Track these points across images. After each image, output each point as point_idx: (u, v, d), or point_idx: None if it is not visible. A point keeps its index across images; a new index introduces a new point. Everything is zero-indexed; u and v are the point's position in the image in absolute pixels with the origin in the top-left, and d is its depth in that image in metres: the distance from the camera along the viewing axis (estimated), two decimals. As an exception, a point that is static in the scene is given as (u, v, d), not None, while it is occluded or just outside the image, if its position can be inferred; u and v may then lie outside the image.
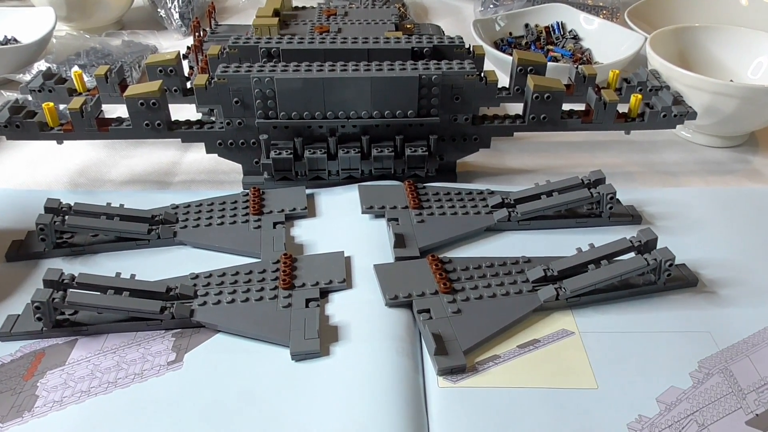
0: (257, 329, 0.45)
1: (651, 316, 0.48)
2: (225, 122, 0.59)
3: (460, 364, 0.43)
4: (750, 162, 0.70)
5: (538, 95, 0.59)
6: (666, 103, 0.62)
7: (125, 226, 0.53)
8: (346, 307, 0.48)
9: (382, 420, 0.39)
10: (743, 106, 0.65)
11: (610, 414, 0.41)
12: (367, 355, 0.44)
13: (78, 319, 0.46)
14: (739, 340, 0.46)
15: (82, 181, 0.65)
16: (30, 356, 0.45)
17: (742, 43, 0.76)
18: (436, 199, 0.59)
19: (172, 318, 0.46)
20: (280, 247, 0.53)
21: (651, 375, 0.43)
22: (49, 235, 0.52)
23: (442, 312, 0.47)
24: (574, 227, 0.57)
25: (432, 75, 0.56)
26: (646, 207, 0.60)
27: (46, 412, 0.41)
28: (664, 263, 0.48)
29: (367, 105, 0.57)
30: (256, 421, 0.40)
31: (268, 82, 0.56)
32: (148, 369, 0.43)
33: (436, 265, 0.50)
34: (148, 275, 0.49)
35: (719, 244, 0.56)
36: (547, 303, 0.48)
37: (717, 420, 0.41)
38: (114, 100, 0.66)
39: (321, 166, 0.60)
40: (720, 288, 0.51)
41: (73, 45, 0.88)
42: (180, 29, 1.01)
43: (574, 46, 0.88)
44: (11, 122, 0.58)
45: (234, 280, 0.49)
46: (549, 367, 0.44)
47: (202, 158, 0.68)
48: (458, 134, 0.61)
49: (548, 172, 0.67)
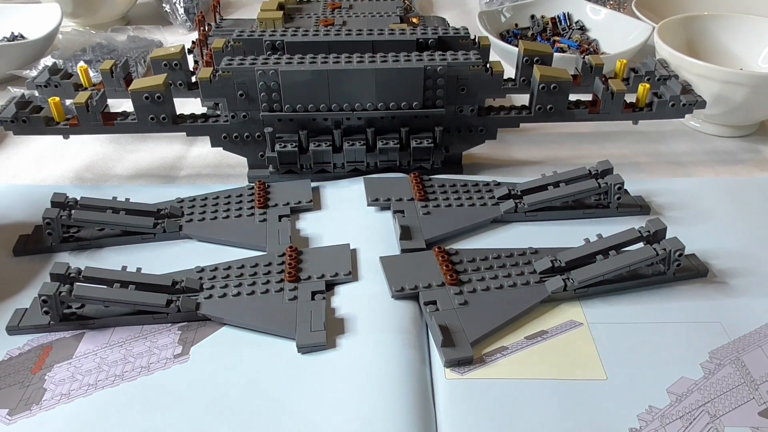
0: (263, 322, 0.45)
1: (661, 306, 0.48)
2: (230, 115, 0.59)
3: (468, 355, 0.43)
4: (760, 151, 0.69)
5: (545, 85, 0.58)
6: (674, 92, 0.62)
7: (131, 220, 0.54)
8: (352, 299, 0.48)
9: (389, 412, 0.39)
10: (753, 94, 0.64)
11: (620, 405, 0.40)
12: (373, 348, 0.43)
13: (85, 312, 0.46)
14: (750, 330, 0.46)
15: (88, 176, 0.65)
16: (38, 350, 0.45)
17: (752, 31, 0.75)
18: (442, 191, 0.58)
19: (178, 311, 0.46)
20: (286, 240, 0.53)
21: (661, 366, 0.43)
22: (56, 229, 0.52)
23: (449, 304, 0.46)
24: (582, 218, 0.57)
25: (437, 66, 0.56)
26: (654, 197, 0.60)
27: (54, 405, 0.41)
28: (673, 253, 0.48)
29: (372, 97, 0.57)
30: (263, 414, 0.40)
31: (272, 74, 0.55)
32: (154, 362, 0.43)
33: (443, 257, 0.50)
34: (153, 269, 0.49)
35: (729, 234, 0.55)
36: (555, 294, 0.48)
37: (729, 411, 0.40)
38: (119, 94, 0.66)
39: (326, 159, 0.60)
40: (731, 278, 0.50)
41: (78, 41, 0.88)
42: (185, 24, 1.01)
43: (580, 37, 0.88)
44: (18, 117, 0.58)
45: (240, 273, 0.49)
46: (557, 358, 0.44)
47: (208, 152, 0.68)
48: (464, 126, 0.61)
49: (555, 164, 0.66)
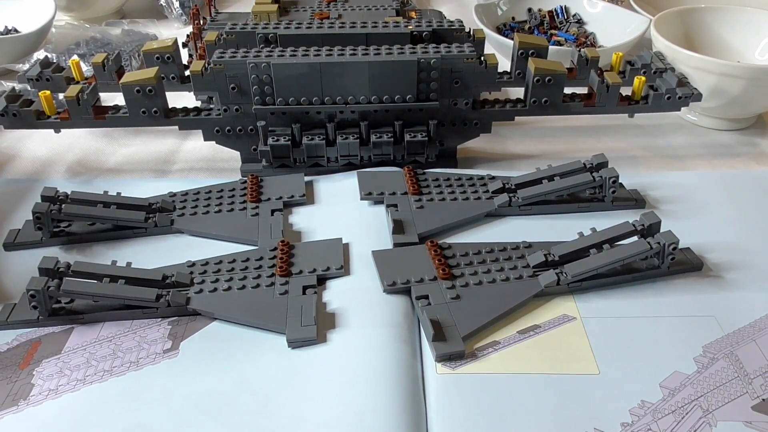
0: (253, 317, 0.45)
1: (654, 300, 0.47)
2: (222, 109, 0.58)
3: (459, 350, 0.42)
4: (757, 145, 0.69)
5: (540, 78, 0.58)
6: (670, 85, 0.61)
7: (122, 214, 0.53)
8: (344, 293, 0.48)
9: (380, 407, 0.39)
10: (750, 87, 0.63)
11: (612, 399, 0.40)
12: (364, 342, 0.43)
13: (74, 307, 0.46)
14: (745, 324, 0.45)
15: (79, 170, 0.65)
16: (26, 345, 0.44)
17: (749, 23, 0.75)
18: (435, 185, 0.58)
19: (168, 306, 0.45)
20: (278, 235, 0.52)
21: (654, 360, 0.43)
22: (46, 223, 0.52)
23: (441, 298, 0.46)
24: (576, 212, 0.56)
25: (431, 59, 0.55)
26: (650, 191, 0.59)
27: (42, 400, 0.40)
28: (667, 247, 0.47)
29: (365, 90, 0.56)
30: (252, 409, 0.39)
31: (264, 67, 0.55)
32: (143, 357, 0.43)
33: (435, 251, 0.50)
34: (144, 263, 0.49)
35: (725, 227, 0.55)
36: (548, 288, 0.47)
37: (722, 405, 0.40)
38: (112, 88, 0.66)
39: (319, 153, 0.59)
40: (726, 272, 0.50)
41: (72, 35, 0.87)
42: (180, 18, 1.01)
43: (577, 31, 0.87)
44: (8, 111, 0.57)
45: (231, 268, 0.49)
46: (549, 352, 0.43)
47: (201, 146, 0.68)
48: (458, 119, 0.60)
49: (550, 158, 0.66)
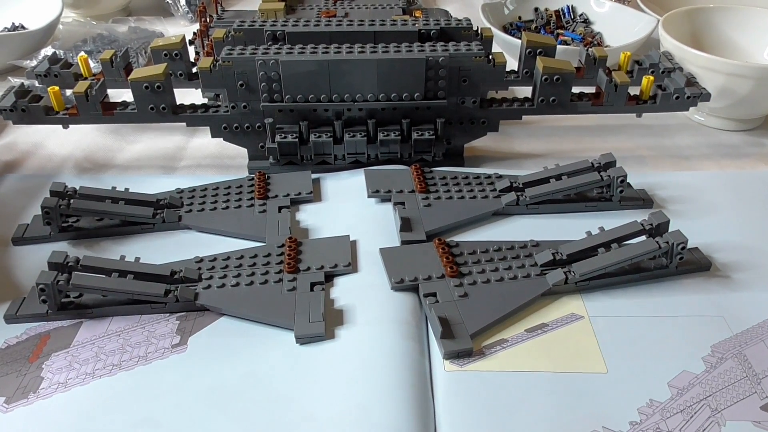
0: (261, 313, 0.45)
1: (663, 300, 0.47)
2: (230, 106, 0.58)
3: (467, 347, 0.42)
4: (765, 145, 0.68)
5: (548, 77, 0.58)
6: (679, 84, 0.61)
7: (130, 209, 0.53)
8: (352, 290, 0.48)
9: (388, 404, 0.39)
10: (758, 87, 0.63)
11: (620, 398, 0.40)
12: (372, 339, 0.43)
13: (83, 301, 0.46)
14: (753, 324, 0.45)
15: (88, 166, 0.65)
16: (35, 338, 0.45)
17: (758, 23, 0.75)
18: (443, 183, 0.58)
19: (176, 301, 0.45)
20: (285, 232, 0.53)
21: (662, 359, 0.43)
22: (55, 218, 0.52)
23: (449, 296, 0.46)
24: (584, 211, 0.56)
25: (439, 57, 0.55)
26: (657, 191, 0.59)
27: (51, 393, 0.41)
28: (676, 246, 0.47)
29: (373, 88, 0.57)
30: (260, 404, 0.40)
31: (273, 64, 0.55)
32: (152, 352, 0.43)
33: (443, 249, 0.50)
34: (152, 259, 0.49)
35: (733, 228, 0.55)
36: (556, 287, 0.47)
37: (730, 405, 0.40)
38: (119, 84, 0.66)
39: (327, 151, 0.59)
40: (734, 272, 0.50)
41: (79, 32, 0.88)
42: (186, 15, 1.01)
43: (584, 30, 0.87)
44: (17, 107, 0.58)
45: (238, 264, 0.49)
46: (557, 351, 0.43)
47: (208, 143, 0.68)
48: (466, 118, 0.60)
49: (558, 157, 0.65)
